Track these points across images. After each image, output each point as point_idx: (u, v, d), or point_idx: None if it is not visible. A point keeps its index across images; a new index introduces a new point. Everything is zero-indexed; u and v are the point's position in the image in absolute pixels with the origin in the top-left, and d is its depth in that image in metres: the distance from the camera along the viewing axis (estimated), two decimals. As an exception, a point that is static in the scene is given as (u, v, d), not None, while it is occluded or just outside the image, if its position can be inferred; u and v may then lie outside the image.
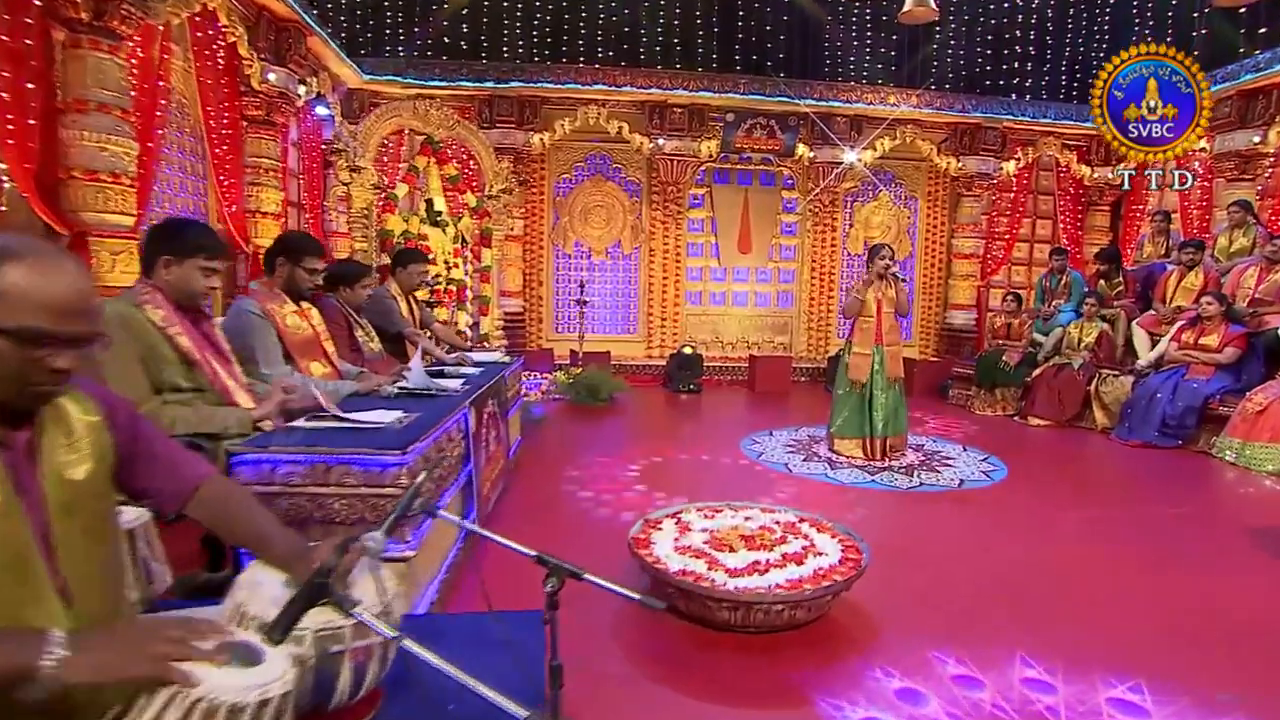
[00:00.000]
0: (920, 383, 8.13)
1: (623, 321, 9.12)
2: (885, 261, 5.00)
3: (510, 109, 8.12)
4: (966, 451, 5.33)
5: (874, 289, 5.04)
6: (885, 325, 5.02)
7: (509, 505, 3.72)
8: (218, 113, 5.57)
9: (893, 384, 5.03)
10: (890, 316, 5.03)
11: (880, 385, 4.99)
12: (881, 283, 5.03)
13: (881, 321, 5.02)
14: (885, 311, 5.02)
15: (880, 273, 5.01)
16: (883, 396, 4.98)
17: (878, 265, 5.02)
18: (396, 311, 4.32)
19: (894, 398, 5.03)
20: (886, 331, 5.02)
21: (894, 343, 5.05)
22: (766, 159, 8.93)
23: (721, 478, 4.51)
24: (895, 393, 5.05)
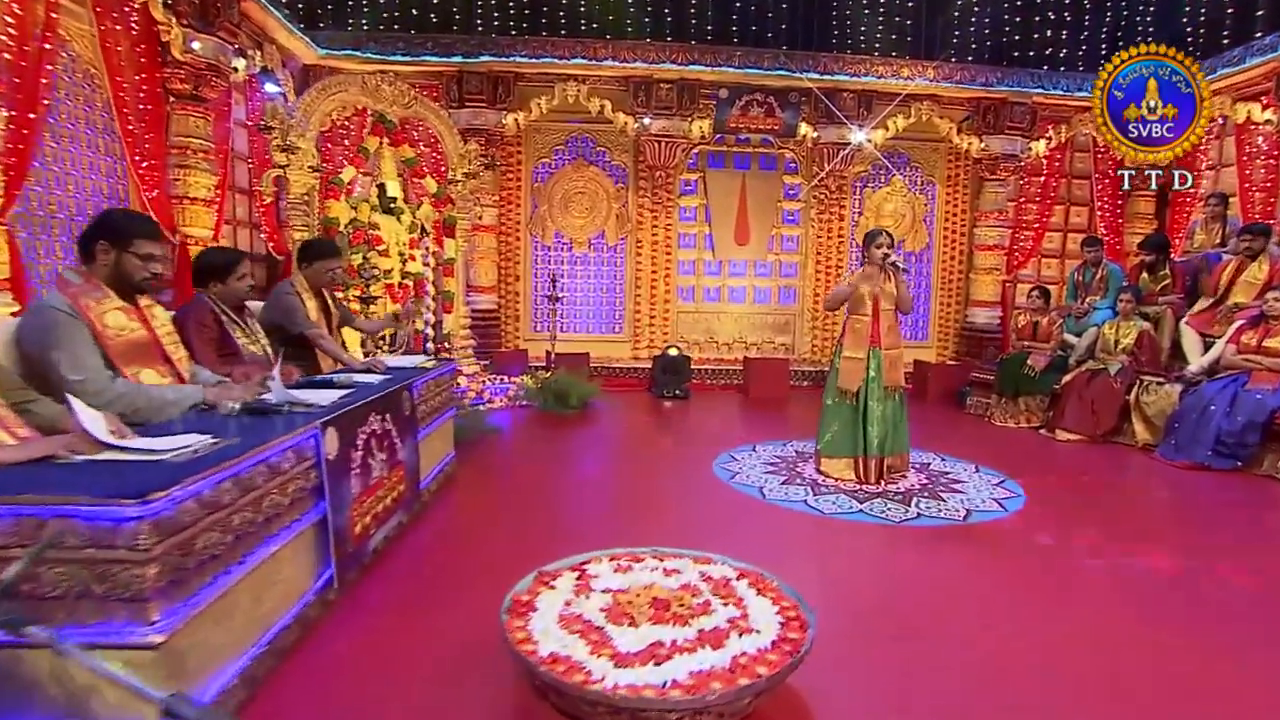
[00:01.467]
0: (935, 389, 7.47)
1: (607, 320, 8.56)
2: (883, 249, 4.38)
3: (481, 86, 7.60)
4: (979, 473, 4.69)
5: (870, 281, 4.42)
6: (883, 324, 4.40)
7: (404, 546, 3.18)
8: (132, 85, 5.11)
9: (892, 394, 4.41)
10: (889, 314, 4.41)
11: (876, 395, 4.37)
12: (880, 274, 4.41)
13: (879, 320, 4.40)
14: (883, 308, 4.40)
15: (878, 262, 4.40)
16: (879, 409, 4.36)
17: (875, 253, 4.40)
18: (298, 310, 3.81)
19: (893, 410, 4.41)
20: (885, 332, 4.40)
21: (894, 345, 4.42)
22: (766, 140, 8.32)
23: (679, 506, 3.93)
24: (895, 404, 4.42)
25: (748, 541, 3.33)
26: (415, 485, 3.46)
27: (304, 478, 2.33)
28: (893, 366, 4.40)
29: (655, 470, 4.58)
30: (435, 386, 3.95)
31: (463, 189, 6.89)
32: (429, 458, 3.86)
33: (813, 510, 3.84)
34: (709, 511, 3.80)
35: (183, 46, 5.26)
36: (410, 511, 3.41)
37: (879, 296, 4.40)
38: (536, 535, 3.39)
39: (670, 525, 3.56)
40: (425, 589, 2.77)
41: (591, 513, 3.78)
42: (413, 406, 3.42)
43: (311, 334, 3.81)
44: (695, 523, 3.60)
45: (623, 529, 3.49)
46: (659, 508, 3.89)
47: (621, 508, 3.86)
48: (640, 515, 3.74)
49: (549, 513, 3.76)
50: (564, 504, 3.91)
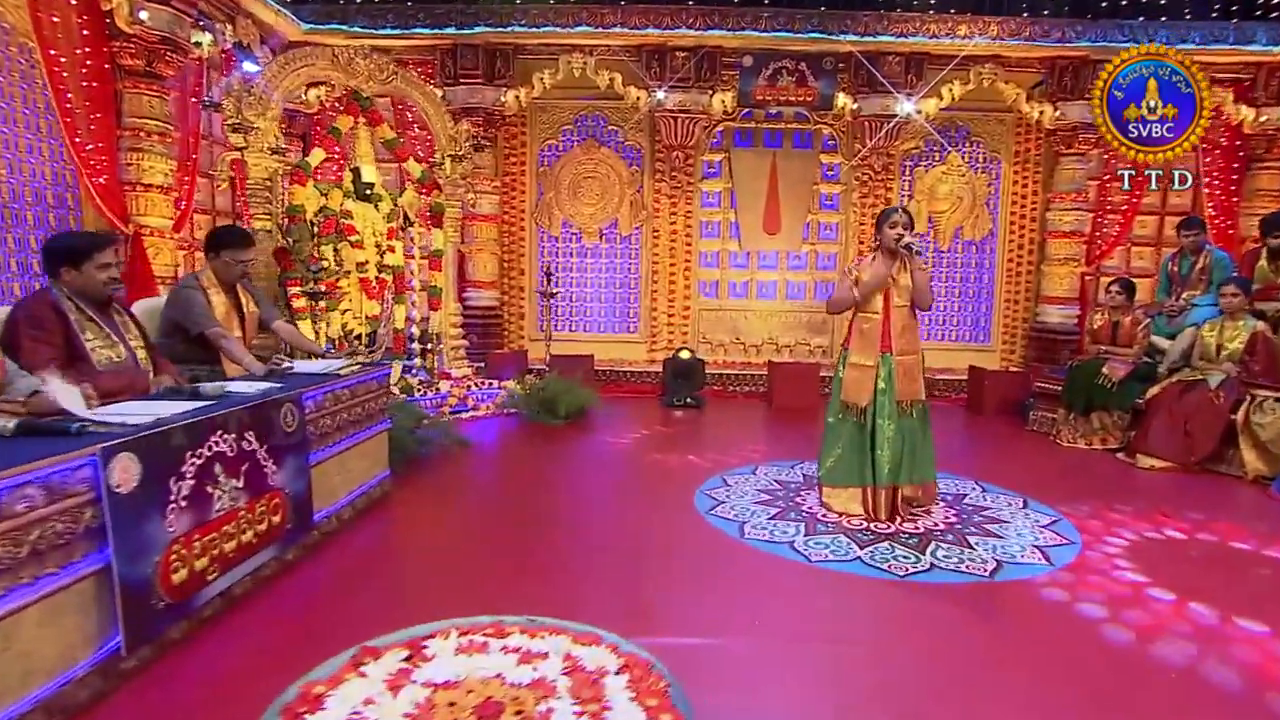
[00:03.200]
0: (993, 400, 6.63)
1: (620, 318, 8.04)
2: (898, 230, 3.71)
3: (477, 60, 7.21)
4: (1028, 508, 3.94)
5: (879, 271, 3.76)
6: (896, 323, 3.72)
7: (273, 592, 2.74)
8: (73, 59, 4.90)
9: (908, 409, 3.73)
10: (904, 312, 3.73)
11: (887, 411, 3.69)
12: (893, 262, 3.75)
13: (890, 319, 3.73)
14: (896, 305, 3.72)
15: (890, 247, 3.73)
16: (890, 428, 3.69)
17: (888, 234, 3.74)
18: (198, 306, 3.46)
19: (909, 430, 3.73)
20: (898, 333, 3.72)
21: (910, 349, 3.74)
22: (800, 114, 7.63)
23: (631, 547, 3.37)
24: (913, 422, 3.74)
25: (688, 602, 2.75)
26: (305, 515, 3.03)
27: (69, 518, 1.91)
28: (908, 375, 3.71)
29: (625, 498, 4.04)
30: (352, 396, 3.53)
31: (451, 173, 6.52)
32: (342, 480, 3.44)
33: (797, 556, 3.22)
34: (664, 556, 3.23)
35: (129, 17, 5.02)
36: (294, 547, 2.99)
37: (891, 290, 3.73)
38: (439, 583, 2.90)
39: (604, 575, 3.02)
40: (258, 656, 2.31)
41: (520, 554, 3.27)
42: (300, 422, 2.99)
43: (212, 333, 3.45)
44: (638, 572, 3.04)
45: (545, 579, 2.96)
46: (607, 548, 3.34)
47: (560, 549, 3.33)
48: (575, 560, 3.20)
49: (471, 554, 3.27)
50: (496, 542, 3.42)
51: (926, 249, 7.79)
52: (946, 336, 7.93)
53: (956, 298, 7.89)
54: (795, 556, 3.21)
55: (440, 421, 5.14)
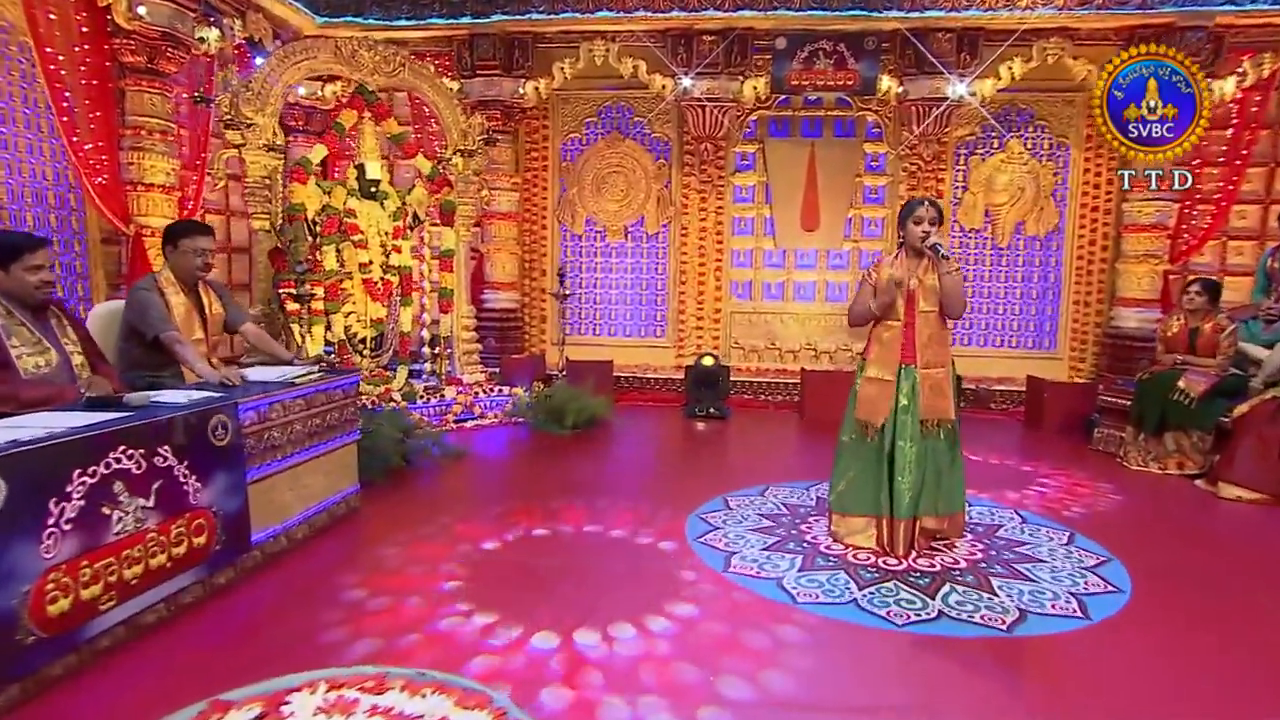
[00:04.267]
0: (1053, 414, 6.07)
1: (647, 322, 7.78)
2: (924, 227, 3.33)
3: (494, 51, 7.07)
4: (1072, 544, 3.49)
5: (903, 272, 3.40)
6: (922, 333, 3.34)
7: (174, 629, 2.58)
8: (71, 56, 4.95)
9: (934, 429, 3.34)
10: (931, 319, 3.34)
11: (909, 431, 3.31)
12: (919, 262, 3.37)
13: (915, 327, 3.35)
14: (922, 310, 3.34)
15: (915, 245, 3.36)
16: (912, 451, 3.30)
17: (913, 231, 3.37)
18: (152, 309, 3.37)
19: (935, 453, 3.34)
20: (924, 343, 3.34)
21: (936, 362, 3.35)
22: (842, 100, 7.22)
23: (601, 579, 3.10)
24: (939, 445, 3.35)
25: (631, 651, 2.46)
26: (241, 535, 2.88)
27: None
28: (935, 391, 3.32)
29: (610, 521, 3.77)
30: (307, 406, 3.37)
31: (464, 169, 6.39)
32: (296, 496, 3.30)
33: (782, 595, 2.89)
34: (629, 590, 2.94)
35: (127, 12, 5.06)
36: (228, 569, 2.84)
37: (916, 293, 3.35)
38: (377, 613, 2.70)
39: (549, 612, 2.75)
40: (130, 693, 2.14)
41: (472, 581, 3.04)
42: (235, 434, 2.84)
43: (166, 337, 3.35)
44: (589, 607, 2.77)
45: (487, 610, 2.72)
46: (569, 578, 3.08)
47: (511, 579, 3.08)
48: (525, 593, 2.95)
49: (421, 579, 3.06)
50: (452, 565, 3.20)
51: (982, 246, 7.28)
52: (1006, 343, 7.35)
53: (1017, 299, 7.31)
54: (780, 596, 2.88)
55: (431, 431, 4.99)
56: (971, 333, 7.35)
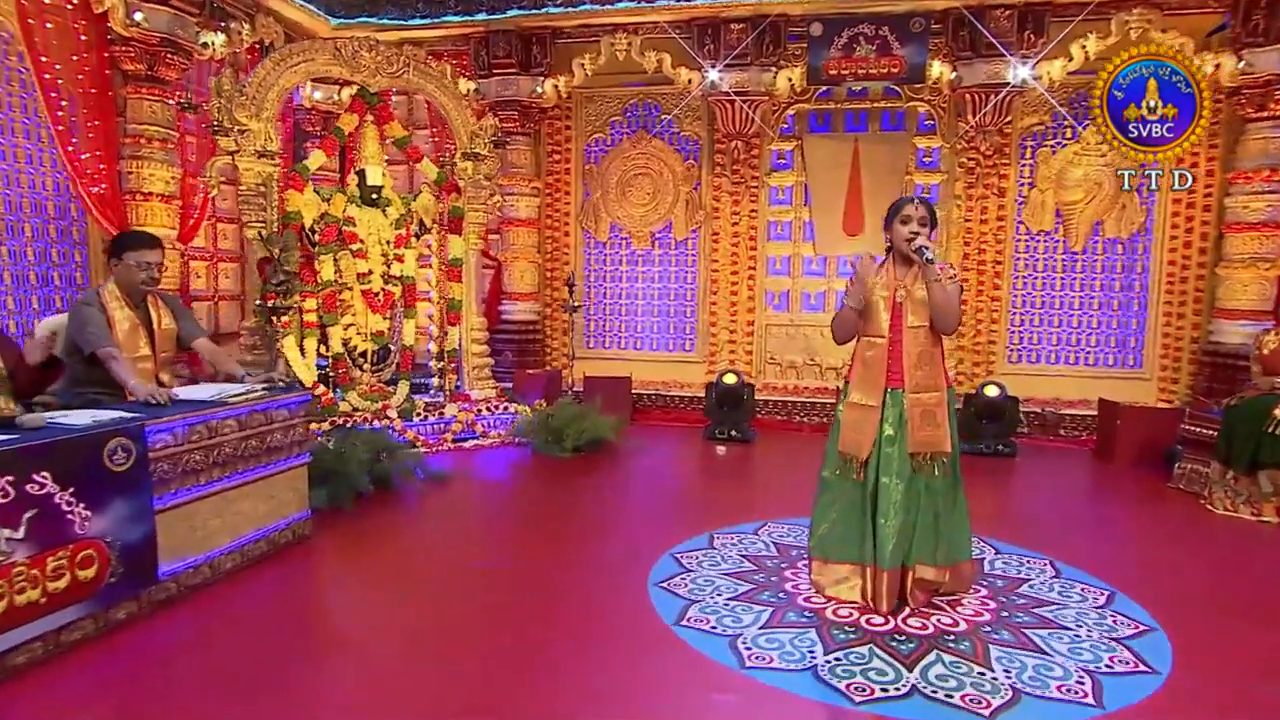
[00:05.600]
0: (1128, 444, 5.46)
1: (675, 335, 7.53)
2: (911, 227, 2.99)
3: (510, 48, 7.01)
4: (1110, 607, 3.03)
5: (885, 280, 3.06)
6: (911, 351, 2.98)
7: (45, 673, 2.49)
8: (68, 65, 5.13)
9: (927, 464, 2.98)
10: (921, 335, 2.98)
11: (895, 467, 2.96)
12: (906, 270, 3.04)
13: (903, 343, 3.00)
14: (911, 325, 2.99)
15: (902, 250, 3.02)
16: (898, 489, 2.94)
17: (899, 231, 3.04)
18: (92, 325, 3.35)
19: (930, 493, 2.97)
20: (913, 363, 2.98)
21: (929, 384, 2.98)
22: (891, 90, 6.81)
23: (529, 631, 2.87)
24: (934, 482, 2.98)
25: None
26: (145, 568, 2.80)
27: None
28: (927, 419, 2.96)
29: (569, 558, 3.54)
30: (240, 427, 3.30)
31: (473, 173, 6.33)
32: (225, 524, 3.21)
33: (730, 658, 2.59)
34: (553, 646, 2.70)
35: (124, 19, 5.21)
36: (128, 603, 2.76)
37: (904, 306, 3.00)
38: (282, 665, 2.56)
39: (452, 671, 2.55)
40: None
41: (401, 629, 2.88)
42: (139, 459, 2.77)
43: (102, 353, 3.33)
44: (490, 678, 2.55)
45: (403, 664, 2.54)
46: (489, 626, 2.88)
47: (448, 626, 2.90)
48: (449, 645, 2.76)
49: (351, 620, 2.92)
50: (385, 609, 3.05)
51: (1052, 250, 6.71)
52: (1080, 360, 6.72)
53: (1095, 311, 6.68)
54: (728, 658, 2.58)
55: (413, 452, 4.89)
56: (1039, 348, 6.76)
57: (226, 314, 6.88)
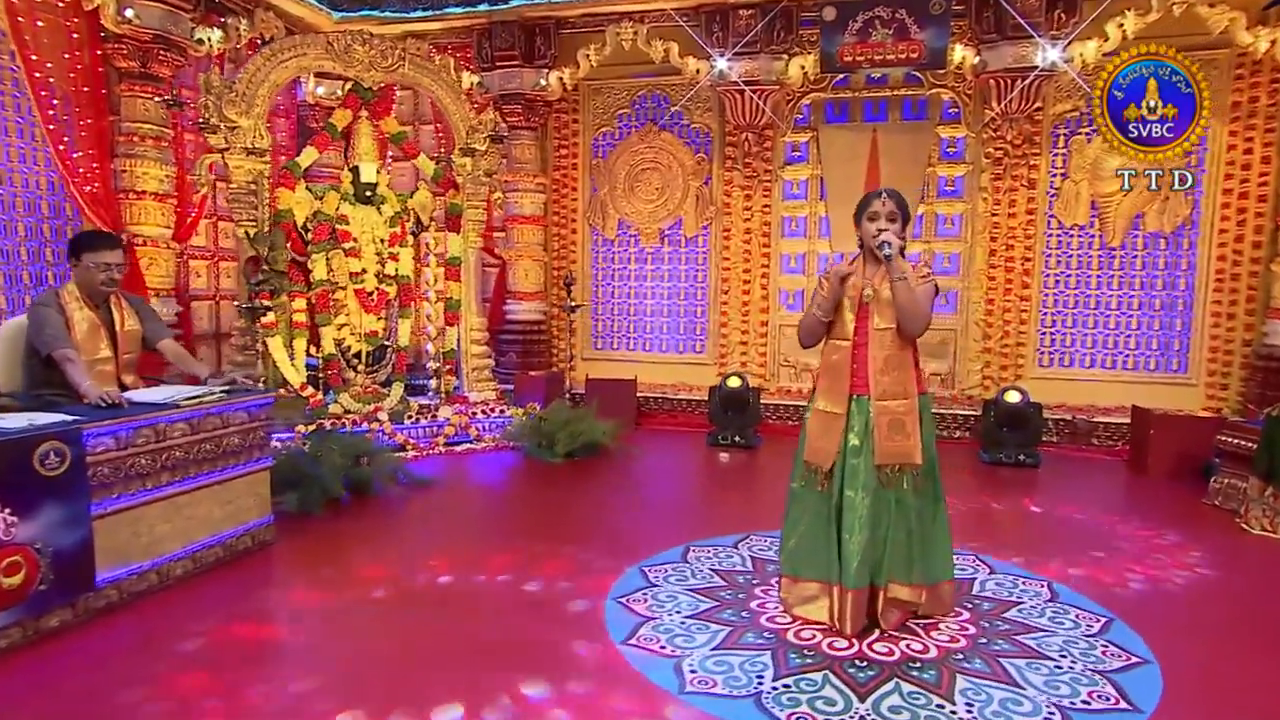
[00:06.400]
0: (1162, 455, 5.19)
1: (685, 336, 7.44)
2: (879, 223, 2.88)
3: (512, 40, 7.01)
4: (1104, 635, 2.86)
5: (854, 280, 2.93)
6: (877, 356, 2.84)
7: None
8: (59, 64, 5.27)
9: (895, 477, 2.84)
10: (887, 338, 2.84)
11: (861, 479, 2.83)
12: (876, 269, 2.91)
13: (868, 347, 2.87)
14: (877, 328, 2.85)
15: (871, 247, 2.90)
16: (864, 503, 2.81)
17: (865, 230, 2.92)
18: (49, 326, 3.40)
19: (901, 507, 2.83)
20: (879, 369, 2.84)
21: (897, 392, 2.83)
22: (912, 76, 6.61)
23: (475, 644, 2.81)
24: (905, 496, 2.83)
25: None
26: (79, 574, 2.82)
27: None
28: (895, 429, 2.82)
29: (530, 571, 3.48)
30: (192, 431, 3.32)
31: (473, 169, 6.34)
32: (175, 529, 3.24)
33: (668, 680, 2.49)
34: (494, 661, 2.64)
35: (115, 16, 5.33)
36: (62, 610, 2.79)
37: (870, 306, 2.87)
38: (180, 675, 2.56)
39: (389, 682, 2.51)
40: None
41: (307, 644, 2.86)
42: (74, 463, 2.79)
43: (57, 355, 3.38)
44: (425, 684, 2.50)
45: (295, 680, 2.52)
46: (431, 640, 2.83)
47: (361, 638, 2.87)
48: (369, 655, 2.73)
49: (258, 633, 2.91)
50: (308, 621, 3.04)
51: (1087, 246, 6.43)
52: (1118, 364, 6.43)
53: (1134, 311, 6.38)
54: (667, 681, 2.49)
55: (393, 457, 4.89)
56: (1072, 351, 6.49)
57: (228, 314, 7.00)
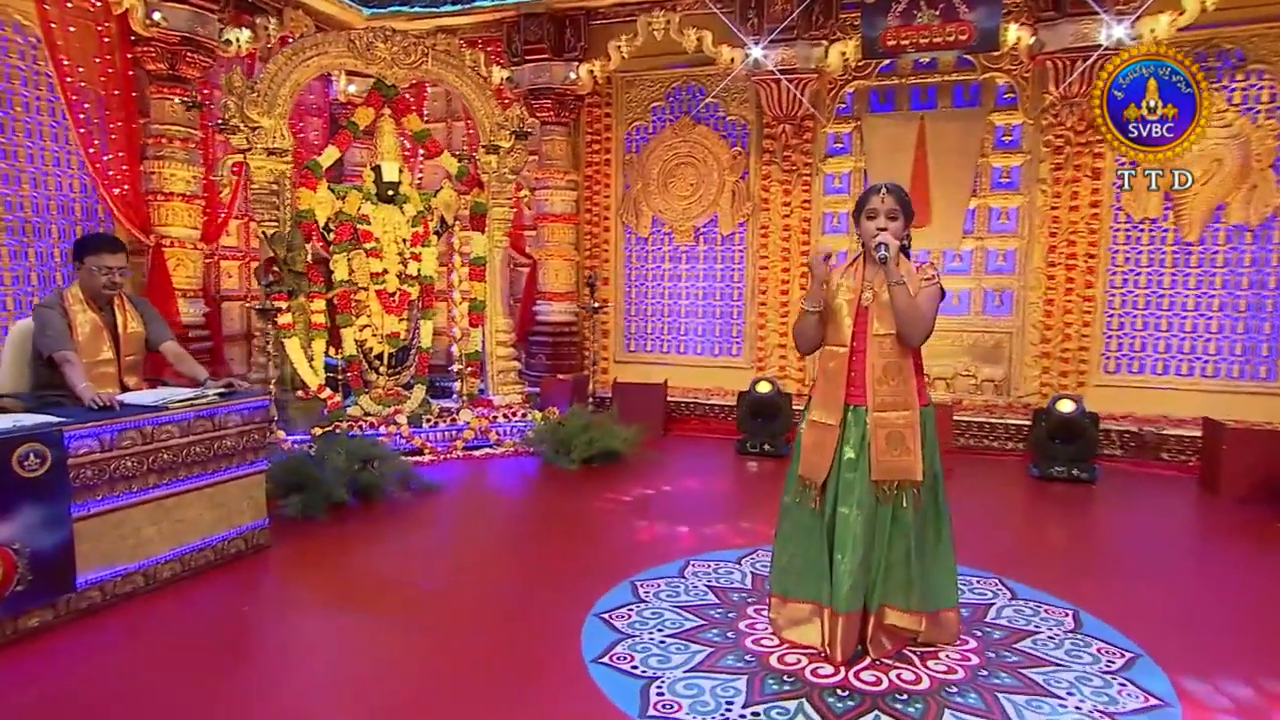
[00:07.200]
0: (1237, 473, 4.85)
1: (721, 338, 7.35)
2: (878, 222, 2.78)
3: (542, 32, 7.05)
4: (1120, 674, 2.67)
5: (853, 282, 2.84)
6: (875, 363, 2.72)
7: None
8: (89, 67, 5.52)
9: (891, 494, 2.73)
10: (887, 345, 2.72)
11: (856, 496, 2.72)
12: (876, 271, 2.80)
13: (866, 355, 2.76)
14: (876, 334, 2.74)
15: (868, 245, 2.81)
16: (858, 521, 2.70)
17: (865, 230, 2.83)
18: (50, 328, 3.56)
19: (899, 526, 2.72)
20: (878, 378, 2.73)
21: (897, 402, 2.71)
22: (964, 60, 6.38)
23: (434, 668, 2.84)
24: (903, 515, 2.71)
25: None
26: (58, 575, 2.93)
27: None
28: (892, 444, 2.70)
29: (509, 585, 3.49)
30: (181, 434, 3.43)
31: (498, 166, 6.41)
32: (163, 531, 3.36)
33: (633, 703, 2.44)
34: (456, 686, 2.65)
35: (143, 19, 5.57)
36: (41, 610, 2.91)
37: (870, 311, 2.77)
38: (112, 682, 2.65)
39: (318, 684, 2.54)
40: None
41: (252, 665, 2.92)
42: (54, 464, 2.92)
43: (57, 357, 3.54)
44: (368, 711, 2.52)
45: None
46: (395, 661, 2.85)
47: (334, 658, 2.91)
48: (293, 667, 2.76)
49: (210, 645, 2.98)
50: (276, 640, 3.10)
51: (1160, 241, 6.09)
52: (1197, 371, 6.04)
53: (1214, 313, 5.99)
54: (629, 703, 2.43)
55: (402, 462, 4.96)
56: (1142, 356, 6.14)
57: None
